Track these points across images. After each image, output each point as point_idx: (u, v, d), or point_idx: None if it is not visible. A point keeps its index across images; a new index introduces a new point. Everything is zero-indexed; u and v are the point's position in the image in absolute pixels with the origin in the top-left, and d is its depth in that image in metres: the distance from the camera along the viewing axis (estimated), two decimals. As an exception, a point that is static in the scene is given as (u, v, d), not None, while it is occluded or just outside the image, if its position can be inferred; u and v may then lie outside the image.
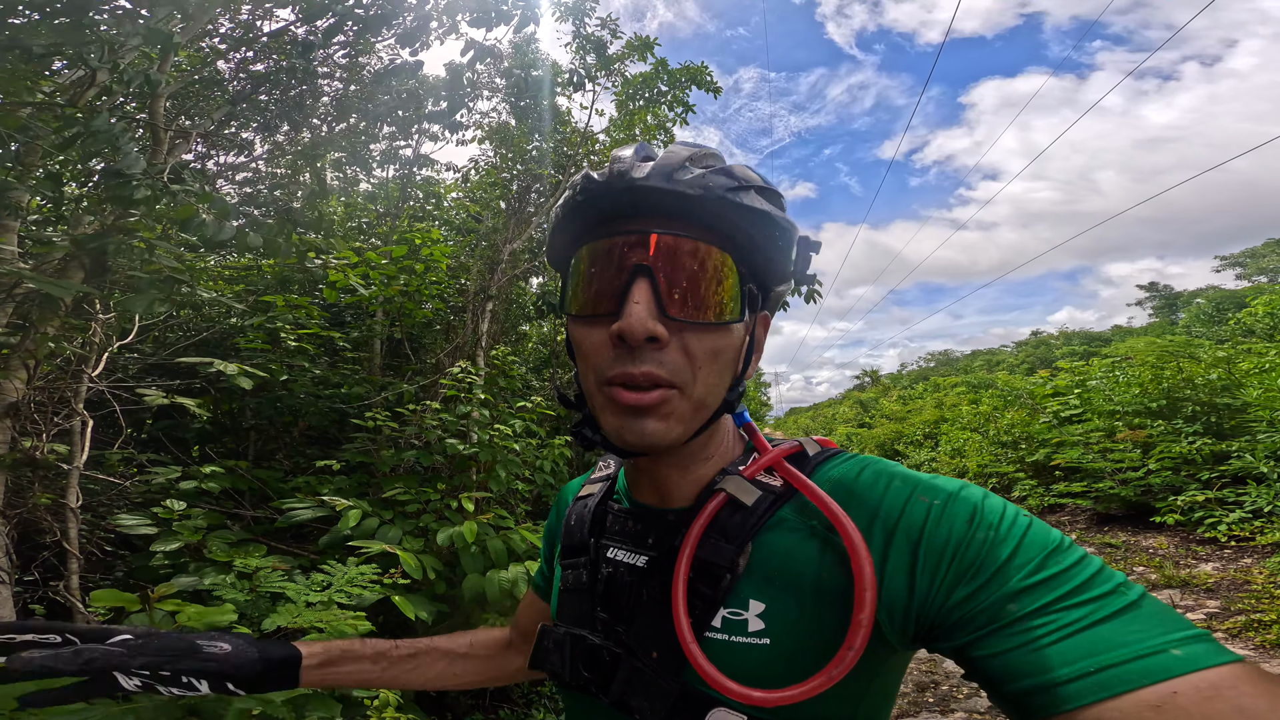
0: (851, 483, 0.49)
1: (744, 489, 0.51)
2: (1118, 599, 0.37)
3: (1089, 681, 0.34)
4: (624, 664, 0.51)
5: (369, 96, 3.56)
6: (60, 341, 1.70)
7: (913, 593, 0.43)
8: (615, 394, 0.48)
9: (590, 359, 0.50)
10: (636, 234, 0.48)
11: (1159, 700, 0.32)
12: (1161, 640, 0.35)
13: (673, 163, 0.48)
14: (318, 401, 2.84)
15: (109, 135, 1.27)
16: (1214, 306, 25.57)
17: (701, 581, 0.49)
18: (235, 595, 1.35)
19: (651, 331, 0.45)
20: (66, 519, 1.66)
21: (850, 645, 0.42)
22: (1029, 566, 0.40)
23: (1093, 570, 0.39)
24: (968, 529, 0.42)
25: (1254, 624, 3.38)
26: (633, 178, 0.47)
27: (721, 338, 0.49)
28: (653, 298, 0.46)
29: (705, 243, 0.48)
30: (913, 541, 0.43)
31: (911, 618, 0.43)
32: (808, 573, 0.47)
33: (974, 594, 0.40)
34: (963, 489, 0.46)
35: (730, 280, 0.49)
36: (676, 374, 0.47)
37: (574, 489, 0.71)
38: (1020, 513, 0.44)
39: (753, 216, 0.48)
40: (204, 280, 2.95)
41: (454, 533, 2.15)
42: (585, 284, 0.50)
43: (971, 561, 0.41)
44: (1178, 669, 0.33)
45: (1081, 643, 0.35)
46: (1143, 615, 0.36)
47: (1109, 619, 0.36)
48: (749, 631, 0.47)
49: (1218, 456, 5.56)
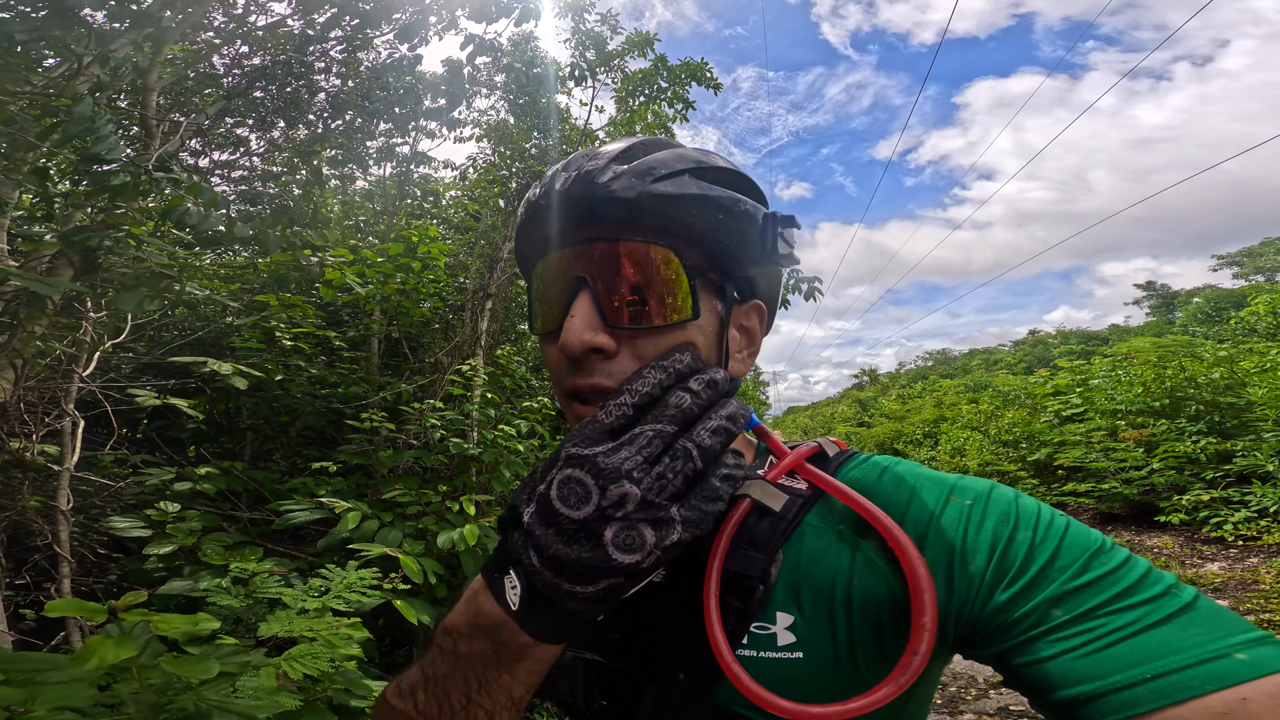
0: (875, 484, 0.48)
1: (770, 494, 0.48)
2: (1171, 601, 0.35)
3: (1147, 688, 0.32)
4: (648, 688, 0.47)
5: (366, 93, 3.53)
6: (49, 340, 1.66)
7: (951, 596, 0.41)
8: (574, 407, 0.48)
9: (553, 374, 0.50)
10: (572, 246, 0.48)
11: (1226, 707, 0.30)
12: (1223, 644, 0.33)
13: (596, 166, 0.47)
14: (315, 401, 2.80)
15: (87, 120, 1.23)
16: (1212, 306, 25.65)
17: (731, 595, 0.45)
18: (230, 601, 1.31)
19: (590, 344, 0.44)
20: (57, 521, 1.61)
21: (916, 650, 0.39)
22: (1073, 569, 0.38)
23: (1141, 572, 0.38)
24: (1004, 529, 0.41)
25: (1264, 624, 3.36)
26: (559, 189, 0.47)
27: (676, 338, 0.47)
28: (593, 309, 0.45)
29: (646, 242, 0.46)
30: (948, 544, 0.42)
31: (950, 622, 0.41)
32: (839, 580, 0.45)
33: (1015, 598, 0.38)
34: (994, 489, 0.44)
35: (675, 276, 0.46)
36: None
37: None
38: (1057, 513, 0.43)
39: (685, 203, 0.45)
40: (199, 279, 2.90)
41: (455, 535, 2.11)
42: (540, 302, 0.51)
43: (1011, 563, 0.40)
44: (1245, 674, 0.31)
45: (1136, 647, 0.34)
46: (1200, 618, 0.35)
47: (1163, 622, 0.34)
48: (779, 646, 0.44)
49: (1222, 456, 5.55)
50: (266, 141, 3.59)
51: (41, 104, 1.51)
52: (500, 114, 5.07)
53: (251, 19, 2.89)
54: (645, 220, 0.45)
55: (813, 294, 5.26)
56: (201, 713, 0.88)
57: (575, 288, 0.46)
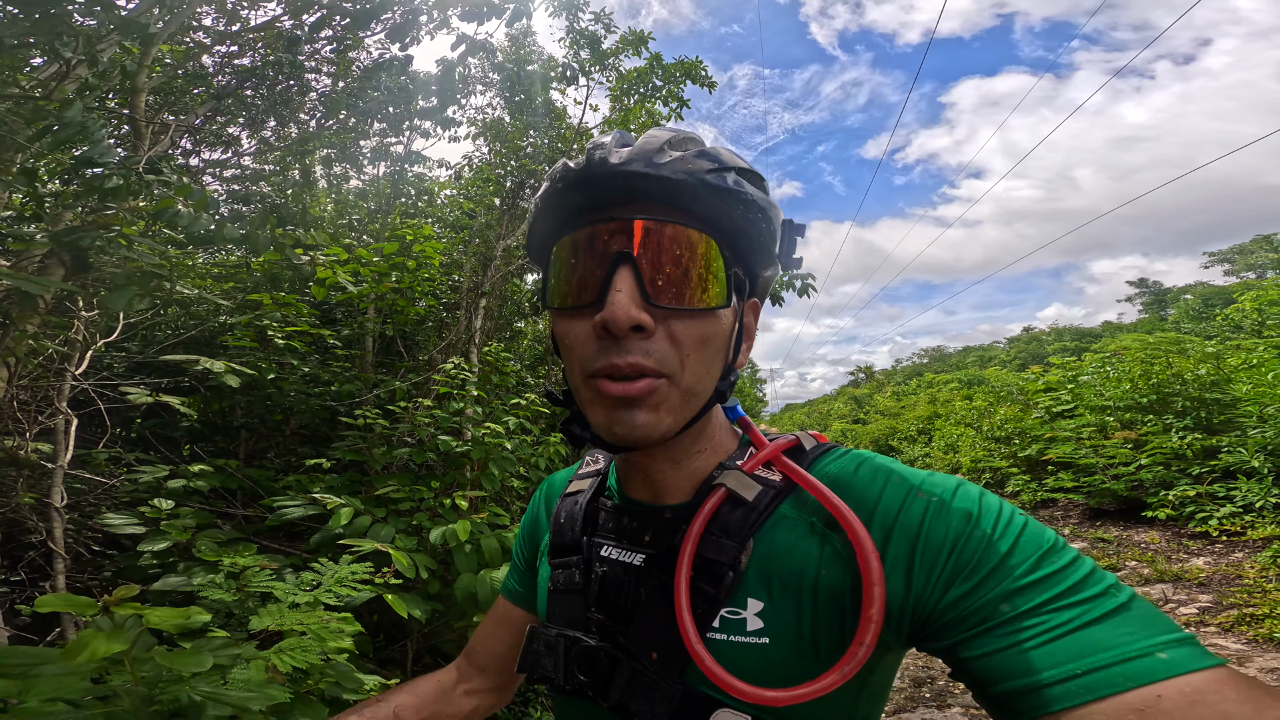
0: (849, 478, 0.48)
1: (744, 484, 0.50)
2: (1108, 600, 0.37)
3: (1075, 684, 0.34)
4: (623, 666, 0.50)
5: (358, 92, 3.52)
6: (41, 339, 1.67)
7: (909, 589, 0.42)
8: (601, 386, 0.46)
9: (575, 352, 0.48)
10: (618, 221, 0.46)
11: (1143, 704, 0.32)
12: (1148, 643, 0.35)
13: (652, 147, 0.46)
14: (309, 400, 2.81)
15: (80, 124, 1.24)
16: (1202, 302, 25.82)
17: (703, 580, 0.48)
18: (222, 595, 1.33)
19: (636, 320, 0.44)
20: (52, 518, 1.63)
21: (861, 641, 0.41)
22: (1025, 565, 0.40)
23: (1085, 571, 0.39)
24: (965, 526, 0.42)
25: (1246, 618, 3.41)
26: (612, 164, 0.46)
27: (709, 324, 0.48)
28: (636, 286, 0.45)
29: (689, 227, 0.47)
30: (911, 538, 0.43)
31: (907, 615, 0.43)
32: (807, 570, 0.47)
33: (969, 593, 0.40)
34: (960, 486, 0.46)
35: (716, 265, 0.48)
36: (664, 363, 0.46)
37: (560, 482, 0.69)
38: (1016, 511, 0.44)
39: (735, 200, 0.47)
40: (191, 278, 2.90)
41: (447, 531, 2.13)
42: (567, 275, 0.49)
43: (968, 560, 0.41)
44: (1163, 673, 0.33)
45: (1070, 645, 0.35)
46: (1132, 617, 0.36)
47: (1098, 621, 0.36)
48: (747, 631, 0.47)
49: (1208, 451, 5.62)
50: (258, 140, 3.59)
51: (30, 105, 1.51)
52: (496, 111, 5.07)
53: (244, 13, 2.88)
54: (699, 208, 0.46)
55: (806, 290, 5.30)
56: (195, 704, 0.90)
57: (616, 262, 0.45)
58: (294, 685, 1.11)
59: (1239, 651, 3.12)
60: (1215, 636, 3.34)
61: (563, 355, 0.51)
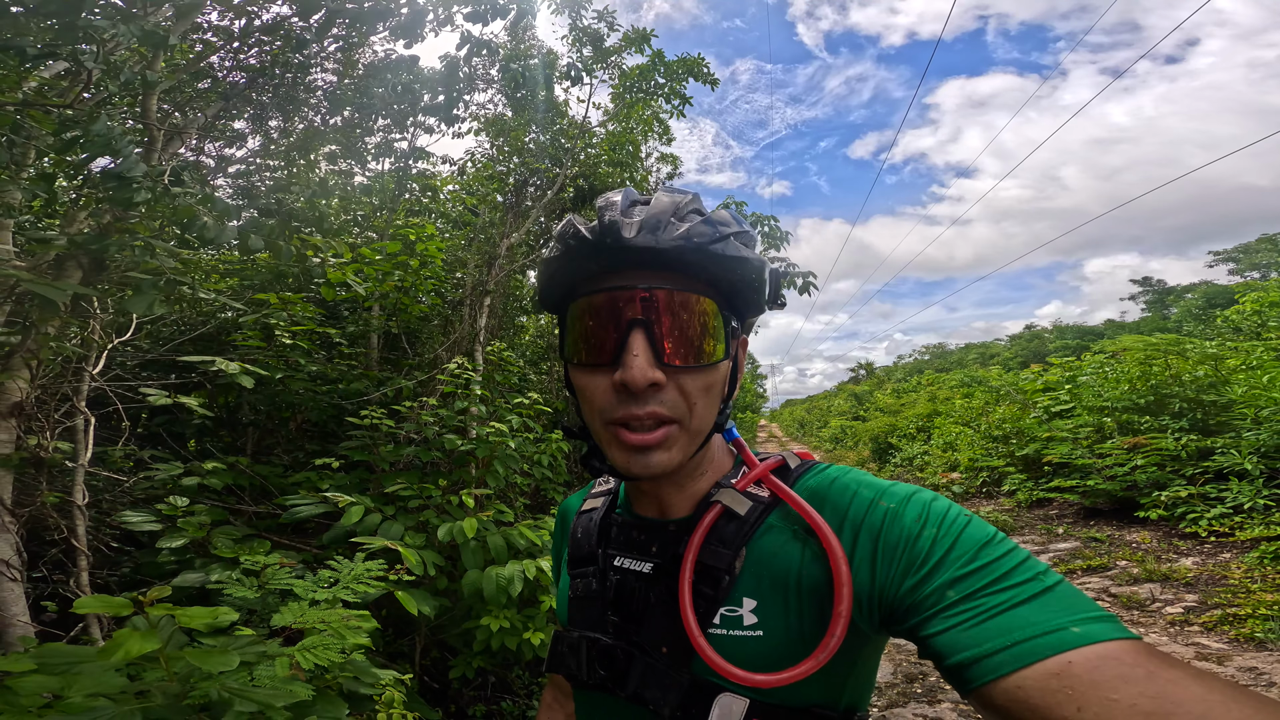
0: (825, 491, 0.56)
1: (737, 500, 0.58)
2: (1037, 585, 0.44)
3: (1007, 654, 0.40)
4: (638, 661, 0.57)
5: (363, 90, 3.53)
6: (61, 340, 1.71)
7: (874, 581, 0.49)
8: (620, 434, 0.54)
9: (594, 402, 0.55)
10: (629, 289, 0.53)
11: (1059, 669, 0.38)
12: (1067, 619, 0.41)
13: (659, 219, 0.53)
14: (315, 397, 2.85)
15: (107, 139, 1.27)
16: (1204, 302, 25.79)
17: (704, 583, 0.55)
18: (244, 593, 1.38)
19: (652, 379, 0.51)
20: (74, 516, 1.68)
21: (832, 633, 0.49)
22: (965, 557, 0.46)
23: (1018, 560, 0.46)
24: (916, 527, 0.49)
25: (1229, 618, 3.46)
26: (623, 237, 0.52)
27: (711, 375, 0.56)
28: (649, 347, 0.52)
29: (693, 293, 0.54)
30: (874, 539, 0.51)
31: (875, 605, 0.50)
32: (792, 571, 0.54)
33: (921, 581, 0.47)
34: (915, 493, 0.53)
35: (716, 324, 0.55)
36: (675, 410, 0.54)
37: (575, 504, 0.77)
38: (963, 512, 0.51)
39: (732, 264, 0.54)
40: (197, 274, 2.93)
41: (454, 528, 2.18)
42: (585, 335, 0.55)
43: (918, 554, 0.48)
44: (1074, 643, 0.39)
45: (1003, 622, 0.42)
46: (1055, 598, 0.43)
47: (1027, 602, 0.42)
48: (744, 625, 0.54)
49: (1202, 452, 5.67)
50: (262, 135, 3.60)
51: (45, 109, 1.54)
52: (499, 107, 5.07)
53: (252, 9, 2.88)
54: (700, 274, 0.53)
55: (807, 288, 5.32)
56: (224, 701, 0.96)
57: (630, 327, 0.52)
58: (314, 681, 1.17)
59: (1220, 650, 3.17)
60: (1198, 635, 3.40)
61: (580, 402, 0.58)
